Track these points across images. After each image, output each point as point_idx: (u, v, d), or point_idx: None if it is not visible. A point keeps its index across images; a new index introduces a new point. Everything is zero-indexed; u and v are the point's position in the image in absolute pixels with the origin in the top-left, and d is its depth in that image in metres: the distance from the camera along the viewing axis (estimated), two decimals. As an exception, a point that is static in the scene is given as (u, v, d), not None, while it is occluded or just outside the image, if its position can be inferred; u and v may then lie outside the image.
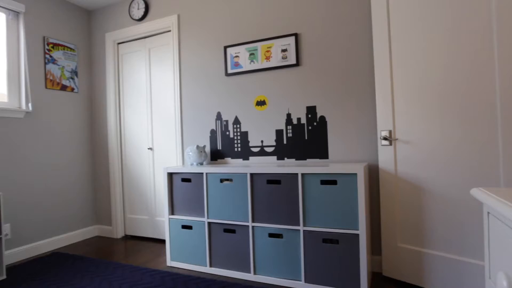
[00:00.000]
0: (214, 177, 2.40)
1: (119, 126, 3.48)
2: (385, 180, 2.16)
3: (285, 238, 2.17)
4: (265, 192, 2.23)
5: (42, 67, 3.14)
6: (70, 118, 3.39)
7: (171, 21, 3.11)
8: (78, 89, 3.48)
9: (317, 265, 2.07)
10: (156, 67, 3.27)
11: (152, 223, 3.30)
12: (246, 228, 2.30)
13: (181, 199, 2.55)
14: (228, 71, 2.83)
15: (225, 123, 2.85)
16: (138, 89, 3.37)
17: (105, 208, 3.54)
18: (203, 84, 2.96)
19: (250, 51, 2.74)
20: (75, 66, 3.45)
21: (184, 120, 3.05)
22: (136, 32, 3.32)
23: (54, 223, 3.19)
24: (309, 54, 2.54)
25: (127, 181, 3.45)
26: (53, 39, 3.24)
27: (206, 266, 2.45)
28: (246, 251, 2.30)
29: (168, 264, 2.61)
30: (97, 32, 3.60)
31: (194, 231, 2.49)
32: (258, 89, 2.73)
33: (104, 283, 2.28)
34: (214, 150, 2.89)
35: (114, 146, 3.44)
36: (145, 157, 3.33)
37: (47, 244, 3.10)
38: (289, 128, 2.60)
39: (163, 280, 2.31)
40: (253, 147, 2.73)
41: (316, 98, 2.52)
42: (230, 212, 2.35)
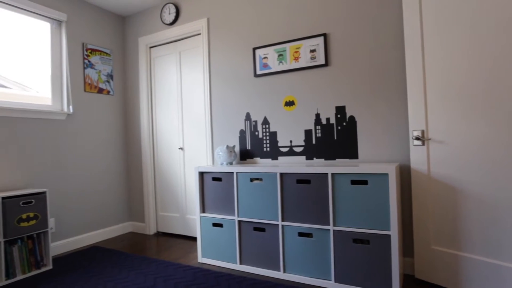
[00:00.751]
0: (244, 177, 2.45)
1: (151, 126, 3.62)
2: (417, 180, 2.12)
3: (315, 238, 2.18)
4: (294, 192, 2.26)
5: (81, 71, 3.33)
6: (106, 120, 3.57)
7: (201, 24, 3.20)
8: (113, 92, 3.65)
9: (347, 265, 2.07)
10: (186, 69, 3.38)
11: (183, 221, 3.41)
12: (276, 227, 2.33)
13: (212, 198, 2.63)
14: (256, 72, 2.88)
15: (254, 123, 2.90)
16: (169, 91, 3.50)
17: (139, 205, 3.70)
18: (232, 85, 3.03)
19: (279, 52, 2.78)
20: (110, 70, 3.63)
21: (213, 121, 3.13)
22: (167, 36, 3.44)
23: (92, 219, 3.37)
24: (338, 54, 2.53)
25: (159, 180, 3.58)
26: (91, 45, 3.42)
27: (236, 263, 2.51)
28: (275, 250, 2.34)
29: (199, 261, 2.69)
30: (131, 37, 3.76)
31: (225, 229, 2.55)
32: (286, 90, 2.76)
33: (140, 276, 2.39)
34: (244, 150, 2.95)
35: (147, 146, 3.59)
36: (176, 157, 3.44)
37: (86, 238, 3.29)
38: (318, 128, 2.61)
39: (195, 275, 2.39)
40: (282, 147, 2.76)
41: (345, 98, 2.51)
42: (260, 211, 2.39)
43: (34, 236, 2.57)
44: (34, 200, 2.55)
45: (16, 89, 2.87)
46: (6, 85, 2.81)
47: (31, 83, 2.97)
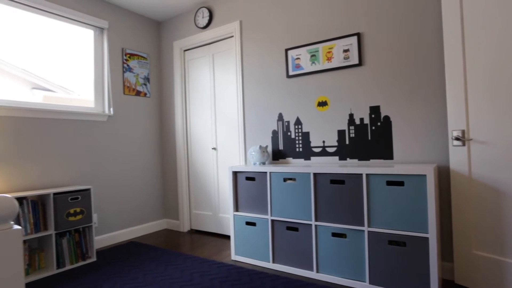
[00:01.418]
0: (278, 176, 2.49)
1: (185, 127, 3.75)
2: (457, 182, 2.05)
3: (349, 238, 2.17)
4: (328, 192, 2.26)
5: (120, 75, 3.51)
6: (143, 121, 3.74)
7: (234, 27, 3.27)
8: (150, 94, 3.82)
9: (382, 267, 2.04)
10: (219, 71, 3.46)
11: (216, 219, 3.50)
12: (309, 227, 2.34)
13: (245, 197, 2.68)
14: (289, 73, 2.90)
15: (287, 123, 2.92)
16: (203, 92, 3.60)
17: (173, 203, 3.83)
18: (265, 86, 3.07)
19: (311, 52, 2.78)
20: (147, 73, 3.79)
21: (246, 121, 3.18)
22: (201, 39, 3.54)
23: (130, 215, 3.54)
24: (372, 53, 2.50)
25: (193, 179, 3.70)
26: (129, 49, 3.60)
27: (269, 262, 2.54)
28: (309, 249, 2.35)
29: (233, 258, 2.76)
30: (166, 41, 3.91)
31: (258, 228, 2.60)
32: (319, 90, 2.76)
33: (177, 271, 2.49)
34: (276, 150, 2.99)
35: (181, 146, 3.71)
36: (209, 157, 3.54)
37: (125, 233, 3.46)
38: (351, 128, 2.59)
39: (229, 272, 2.45)
40: (315, 147, 2.77)
41: (379, 97, 2.47)
42: (293, 211, 2.42)
43: (80, 230, 2.75)
44: (80, 196, 2.73)
45: (61, 92, 3.08)
46: (51, 89, 3.02)
47: (73, 86, 3.17)
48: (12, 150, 2.65)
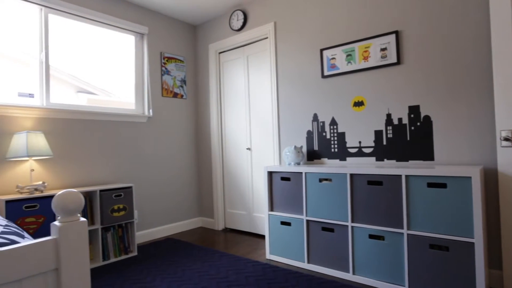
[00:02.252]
0: (313, 177, 2.49)
1: (220, 128, 3.83)
2: (506, 185, 1.95)
3: (387, 241, 2.13)
4: (365, 193, 2.23)
5: (159, 78, 3.67)
6: (180, 122, 3.87)
7: (268, 28, 3.31)
8: (186, 96, 3.95)
9: (423, 272, 1.98)
10: (253, 72, 3.51)
11: (250, 218, 3.55)
12: (345, 228, 2.32)
13: (280, 197, 2.71)
14: (324, 73, 2.89)
15: (322, 124, 2.91)
16: (237, 93, 3.67)
17: (208, 202, 3.94)
18: (299, 87, 3.07)
19: (347, 52, 2.75)
20: (184, 75, 3.93)
21: (281, 122, 3.21)
22: (236, 41, 3.61)
23: (167, 213, 3.68)
24: (411, 52, 2.43)
25: (227, 178, 3.77)
26: (167, 53, 3.75)
27: (304, 262, 2.55)
28: (344, 251, 2.33)
29: (267, 257, 2.79)
30: (202, 44, 4.02)
31: (293, 228, 2.61)
32: (355, 90, 2.72)
33: (213, 268, 2.56)
34: (311, 150, 2.98)
35: (216, 146, 3.81)
36: (244, 157, 3.60)
37: (162, 230, 3.60)
38: (389, 128, 2.54)
39: (264, 271, 2.48)
40: (351, 148, 2.73)
41: (419, 97, 2.40)
42: (329, 211, 2.40)
43: (123, 225, 2.91)
44: (123, 194, 2.88)
45: (102, 95, 3.26)
46: (94, 91, 3.22)
47: (113, 89, 3.35)
48: (63, 150, 2.86)
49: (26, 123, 2.66)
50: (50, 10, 2.86)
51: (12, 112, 2.58)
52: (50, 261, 0.81)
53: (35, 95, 2.79)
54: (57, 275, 0.82)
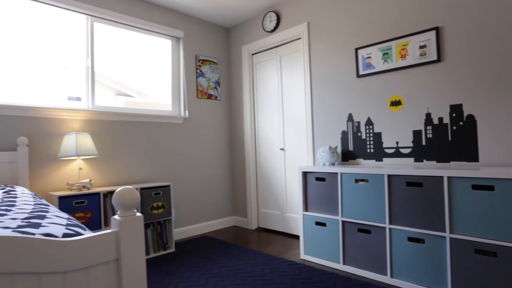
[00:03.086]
0: (349, 177, 2.46)
1: (253, 128, 3.89)
2: (560, 188, 1.83)
3: (427, 244, 2.07)
4: (403, 195, 2.18)
5: (194, 80, 3.78)
6: (214, 122, 3.97)
7: (301, 29, 3.31)
8: (220, 97, 4.04)
9: (468, 277, 1.91)
10: (287, 73, 3.53)
11: (283, 218, 3.57)
12: (383, 230, 2.28)
13: (315, 197, 2.70)
14: (359, 73, 2.85)
15: (357, 124, 2.87)
16: (271, 94, 3.70)
17: (241, 201, 4.00)
18: (334, 87, 3.05)
19: (383, 50, 2.70)
20: (218, 77, 4.02)
21: (314, 122, 3.20)
22: (268, 43, 3.65)
23: (202, 211, 3.78)
24: (453, 48, 2.34)
25: (261, 178, 3.82)
26: (202, 56, 3.85)
27: (339, 263, 2.53)
28: (382, 253, 2.28)
29: (301, 257, 2.79)
30: (235, 46, 4.10)
31: (328, 228, 2.60)
32: (392, 89, 2.66)
33: (249, 266, 2.61)
34: (346, 151, 2.95)
35: (250, 147, 3.86)
36: (277, 157, 3.62)
37: (197, 228, 3.71)
38: (428, 128, 2.46)
39: (299, 271, 2.49)
40: (387, 148, 2.67)
41: (462, 95, 2.30)
42: (365, 213, 2.37)
43: (161, 222, 3.03)
44: (162, 192, 3.01)
45: (138, 97, 3.42)
46: (130, 94, 3.37)
47: (148, 91, 3.49)
48: (107, 149, 3.03)
49: (74, 124, 2.85)
50: (95, 19, 3.05)
51: (63, 115, 2.78)
52: (112, 252, 0.88)
53: (82, 99, 2.99)
54: (117, 265, 0.89)
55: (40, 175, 2.65)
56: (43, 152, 2.67)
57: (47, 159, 2.69)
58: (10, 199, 1.55)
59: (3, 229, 0.90)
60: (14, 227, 0.94)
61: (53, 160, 2.72)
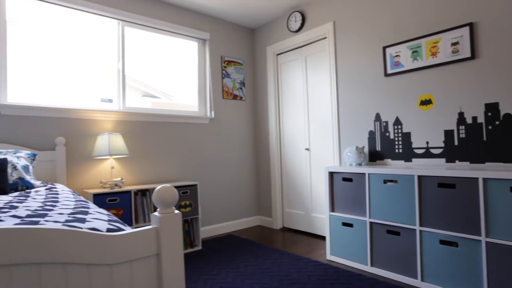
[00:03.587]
0: (377, 178, 2.42)
1: (278, 128, 3.90)
2: None
3: (461, 248, 2.00)
4: (435, 196, 2.12)
5: (220, 81, 3.84)
6: (239, 123, 4.01)
7: (327, 28, 3.29)
8: (245, 97, 4.08)
9: (505, 283, 1.83)
10: (312, 73, 3.51)
11: (308, 219, 3.56)
12: (413, 232, 2.23)
13: (341, 198, 2.68)
14: (387, 72, 2.80)
15: (385, 124, 2.82)
16: (296, 94, 3.70)
17: (266, 201, 4.02)
18: (360, 86, 3.01)
19: (413, 48, 2.64)
20: (243, 78, 4.06)
21: (341, 122, 3.17)
22: (293, 43, 3.64)
23: (227, 210, 3.84)
24: (488, 44, 2.26)
25: (286, 178, 3.82)
26: (227, 57, 3.91)
27: (366, 264, 2.49)
28: (412, 255, 2.23)
29: (328, 258, 2.78)
30: (260, 47, 4.12)
31: (355, 229, 2.57)
32: (422, 88, 2.60)
33: (274, 265, 2.63)
34: (373, 151, 2.90)
35: (274, 147, 3.87)
36: (302, 157, 3.62)
37: (223, 227, 3.76)
38: (461, 128, 2.38)
39: (326, 271, 2.48)
40: (417, 148, 2.61)
41: (498, 93, 2.21)
42: (394, 214, 2.33)
43: (189, 221, 3.11)
44: (189, 191, 3.08)
45: (164, 98, 3.51)
46: (156, 95, 3.47)
47: (173, 92, 3.56)
48: (137, 149, 3.14)
49: (107, 125, 2.97)
50: (126, 23, 3.16)
51: (96, 116, 2.90)
52: (153, 247, 0.92)
53: (113, 100, 3.11)
54: (157, 259, 0.94)
55: (76, 173, 2.78)
56: (78, 151, 2.80)
57: (82, 158, 2.82)
58: (53, 196, 1.65)
59: (54, 223, 0.97)
60: (63, 221, 1.00)
61: (87, 159, 2.85)
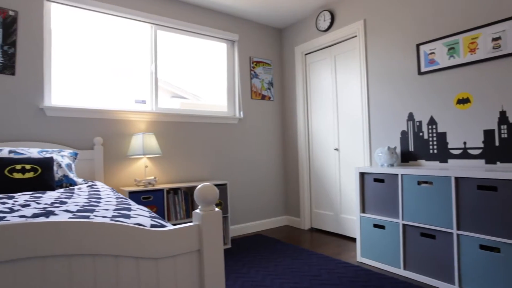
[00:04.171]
0: (411, 179, 2.36)
1: (307, 128, 3.88)
2: None
3: (503, 253, 1.91)
4: (474, 199, 2.04)
5: (248, 82, 3.88)
6: (267, 123, 4.03)
7: (357, 27, 3.24)
8: (273, 98, 4.09)
9: (551, 291, 1.73)
10: (341, 72, 3.47)
11: (337, 220, 3.52)
12: (449, 236, 2.15)
13: (372, 199, 2.63)
14: (421, 70, 2.71)
15: (418, 123, 2.74)
16: (324, 94, 3.66)
17: (294, 201, 4.01)
18: (392, 85, 2.94)
19: (449, 45, 2.54)
20: (271, 78, 4.08)
21: (371, 122, 3.11)
22: (322, 42, 3.62)
23: (255, 210, 3.87)
24: (533, 40, 2.14)
25: (314, 178, 3.80)
26: (256, 57, 3.94)
27: (399, 268, 2.43)
28: (448, 260, 2.16)
29: (358, 260, 2.73)
30: (287, 47, 4.12)
31: (387, 231, 2.52)
32: (459, 86, 2.50)
33: (304, 265, 2.62)
34: (405, 151, 2.83)
35: (303, 147, 3.86)
36: (331, 157, 3.58)
37: (251, 226, 3.80)
38: (503, 127, 2.26)
39: (357, 273, 2.44)
40: (453, 149, 2.52)
41: (544, 91, 2.09)
42: (429, 216, 2.26)
43: (218, 219, 3.16)
44: (219, 190, 3.13)
45: (192, 99, 3.58)
46: (185, 96, 3.55)
47: (201, 93, 3.63)
48: (169, 149, 3.24)
49: (141, 125, 3.09)
50: (158, 27, 3.27)
51: (131, 117, 3.02)
52: (195, 243, 0.96)
53: (147, 101, 3.22)
54: (199, 255, 0.97)
55: (112, 171, 2.91)
56: (114, 150, 2.93)
57: (118, 157, 2.94)
58: (95, 192, 1.74)
59: (103, 218, 1.03)
60: (110, 216, 1.06)
61: (122, 158, 2.97)
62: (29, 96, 2.53)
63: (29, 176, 1.88)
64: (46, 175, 1.96)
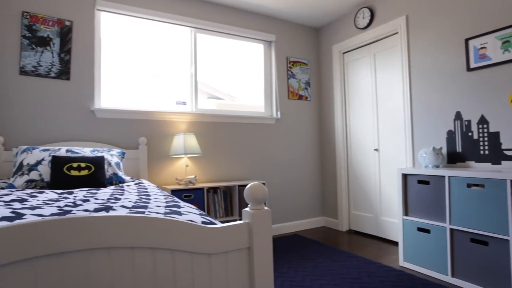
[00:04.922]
0: (459, 181, 2.24)
1: (345, 128, 3.81)
2: None
3: None
4: (532, 203, 1.89)
5: (285, 82, 3.88)
6: (305, 123, 4.01)
7: (398, 23, 3.13)
8: (310, 98, 4.06)
9: None
10: (381, 70, 3.37)
11: (376, 222, 3.42)
12: (505, 243, 2.02)
13: (416, 201, 2.53)
14: (470, 66, 2.57)
15: (467, 123, 2.59)
16: (363, 93, 3.58)
17: (331, 202, 3.96)
18: (437, 83, 2.81)
19: (503, 38, 2.38)
20: (308, 78, 4.05)
21: (414, 121, 2.99)
22: (361, 40, 3.53)
23: (292, 210, 3.86)
24: None
25: (352, 179, 3.72)
26: (292, 57, 3.93)
27: (446, 274, 2.32)
28: (504, 268, 2.02)
29: (400, 264, 2.64)
30: (325, 46, 4.07)
31: (432, 236, 2.41)
32: (514, 82, 2.33)
33: (343, 268, 2.58)
34: (452, 152, 2.69)
35: (341, 147, 3.79)
36: (371, 158, 3.49)
37: (288, 226, 3.79)
38: None
39: (400, 278, 2.36)
40: (507, 150, 2.35)
41: None
42: (480, 221, 2.13)
43: (256, 218, 3.19)
44: (257, 189, 3.16)
45: (228, 100, 3.63)
46: (221, 97, 3.61)
47: (237, 93, 3.67)
48: (208, 148, 3.32)
49: (181, 126, 3.20)
50: (198, 30, 3.37)
51: (172, 117, 3.14)
52: (245, 240, 0.99)
53: (187, 103, 3.33)
54: (249, 252, 1.00)
55: (155, 170, 3.04)
56: (157, 150, 3.06)
57: (160, 156, 3.07)
58: (143, 190, 1.83)
59: (156, 214, 1.09)
60: (163, 213, 1.12)
61: (165, 157, 3.09)
62: (82, 99, 2.72)
63: (84, 173, 2.02)
64: (99, 172, 2.10)
